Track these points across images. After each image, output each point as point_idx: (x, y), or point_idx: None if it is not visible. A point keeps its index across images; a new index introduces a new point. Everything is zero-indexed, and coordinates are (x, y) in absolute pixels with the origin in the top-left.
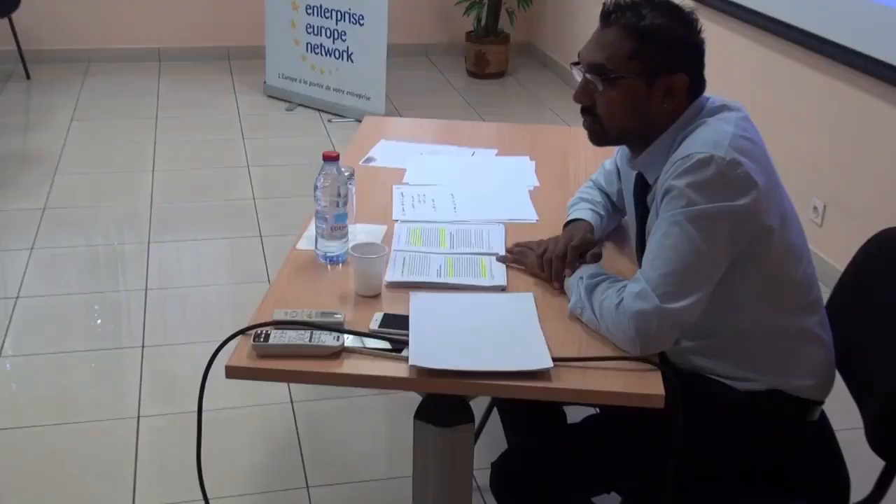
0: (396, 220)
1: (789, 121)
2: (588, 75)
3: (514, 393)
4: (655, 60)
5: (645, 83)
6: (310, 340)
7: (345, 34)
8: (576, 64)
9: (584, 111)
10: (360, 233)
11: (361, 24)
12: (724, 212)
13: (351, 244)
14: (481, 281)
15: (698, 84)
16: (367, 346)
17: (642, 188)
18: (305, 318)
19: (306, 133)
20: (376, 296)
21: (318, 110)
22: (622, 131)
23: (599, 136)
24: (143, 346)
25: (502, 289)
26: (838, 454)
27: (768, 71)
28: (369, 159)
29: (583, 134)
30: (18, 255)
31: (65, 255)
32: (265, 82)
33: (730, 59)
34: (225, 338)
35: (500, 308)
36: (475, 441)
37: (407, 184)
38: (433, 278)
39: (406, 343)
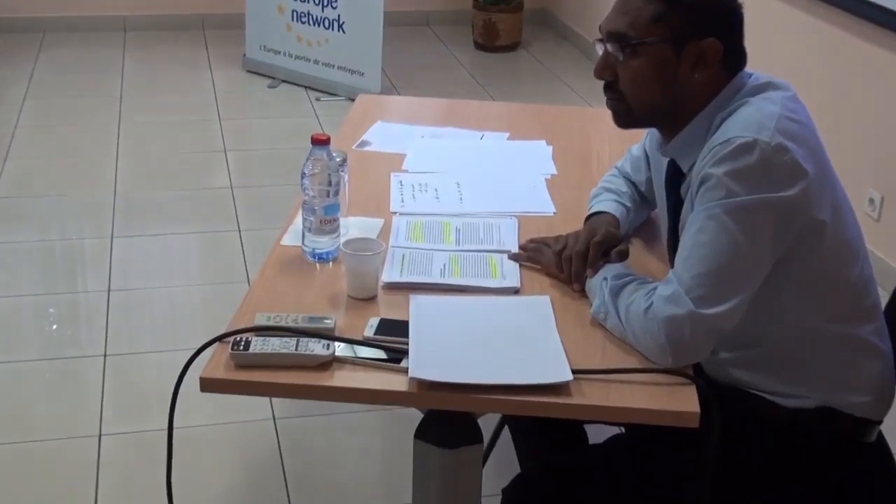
0: (394, 213)
1: (843, 102)
2: (609, 46)
3: (528, 410)
4: (683, 24)
5: (672, 51)
6: (296, 349)
7: (335, 1)
8: (599, 40)
9: (606, 88)
10: (354, 227)
11: None
12: (769, 204)
13: (343, 239)
14: (491, 282)
15: (736, 56)
16: (361, 355)
17: (675, 177)
18: (291, 324)
19: (291, 113)
20: (371, 298)
21: (305, 87)
22: (650, 110)
23: (625, 116)
24: (105, 355)
25: (515, 291)
26: None
27: (820, 45)
28: (364, 143)
29: (606, 115)
30: None
31: (16, 251)
32: (245, 55)
33: (775, 32)
34: (199, 346)
35: (513, 313)
36: (483, 464)
37: (406, 171)
38: (436, 279)
39: (405, 352)
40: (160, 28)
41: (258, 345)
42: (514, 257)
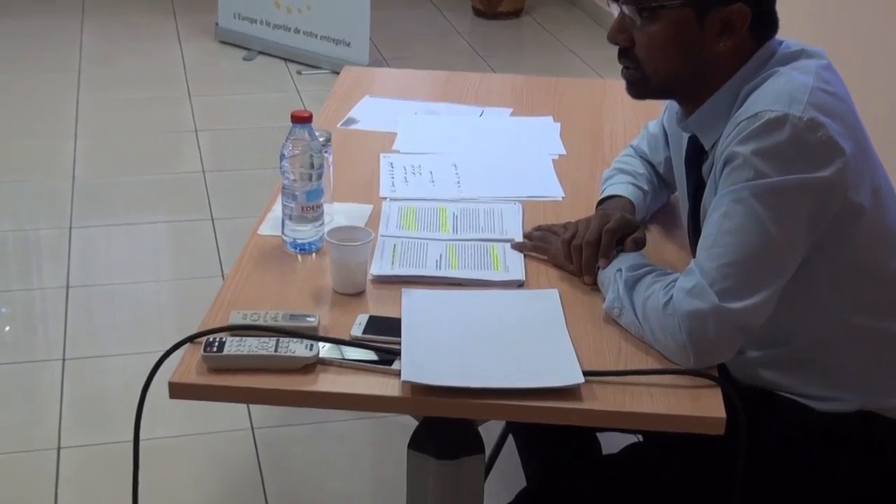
0: (385, 198)
1: (883, 72)
2: (624, 8)
3: (534, 416)
4: None
5: (694, 14)
6: (275, 350)
7: None
8: (614, 1)
9: (621, 55)
10: (339, 214)
11: None
12: (801, 186)
13: (327, 228)
14: (492, 275)
15: (766, 22)
16: (348, 357)
17: (696, 156)
18: (270, 322)
19: (270, 89)
20: (359, 294)
21: (285, 60)
22: (669, 79)
23: (640, 86)
24: (63, 359)
25: (519, 284)
26: None
27: (860, 8)
28: (350, 121)
29: (620, 88)
30: None
31: None
32: (217, 24)
33: None
34: (168, 347)
35: (517, 309)
36: (485, 477)
37: (398, 152)
38: (431, 271)
39: (397, 353)
40: None
41: (233, 346)
42: (517, 247)
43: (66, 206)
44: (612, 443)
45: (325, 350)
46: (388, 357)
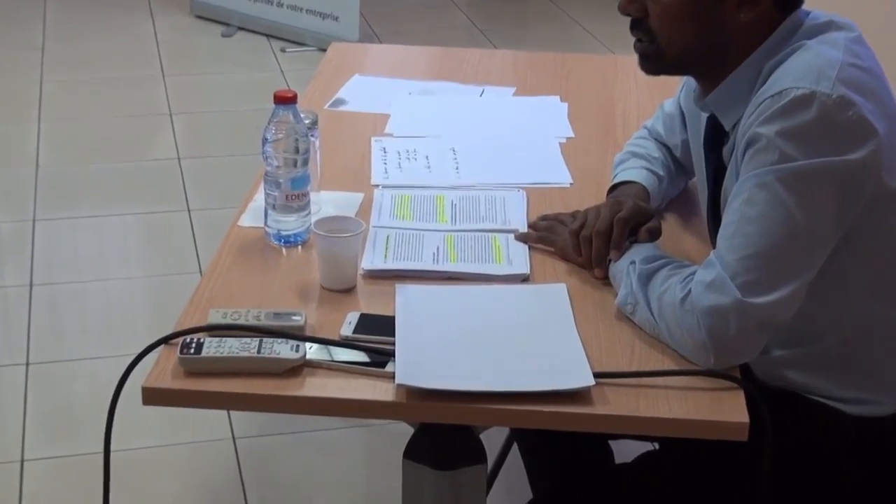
0: (376, 186)
1: None
2: None
3: (541, 422)
4: None
5: None
6: (258, 352)
7: None
8: None
9: (633, 27)
10: (327, 203)
11: None
12: (830, 169)
13: (314, 219)
14: (494, 268)
15: None
16: (338, 358)
17: (716, 137)
18: (252, 322)
19: (251, 67)
20: (349, 290)
21: (267, 36)
22: (685, 53)
23: (654, 60)
24: (27, 364)
25: (524, 279)
26: None
27: None
28: (338, 102)
29: (633, 62)
30: None
31: None
32: None
33: None
34: (141, 349)
35: (521, 305)
36: (488, 489)
37: (391, 135)
38: (428, 265)
39: (391, 354)
40: None
41: (212, 347)
42: (521, 238)
43: (29, 197)
44: (625, 451)
45: (312, 351)
46: (380, 359)
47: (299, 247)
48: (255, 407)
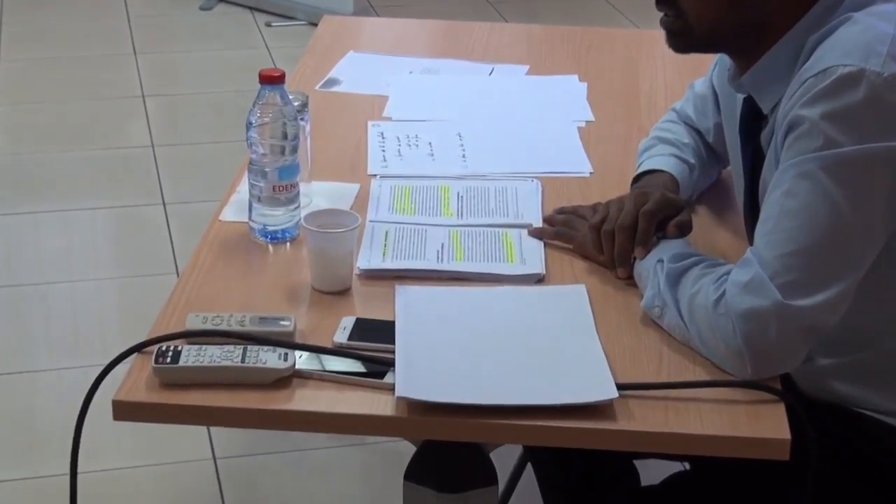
0: (374, 176)
1: None
2: None
3: (558, 440)
4: None
5: None
6: (242, 361)
7: None
8: None
9: (660, 0)
10: (318, 195)
11: None
12: (881, 156)
13: (304, 212)
14: (506, 268)
15: None
16: (330, 368)
17: (753, 121)
18: (235, 327)
19: (233, 44)
20: (344, 291)
21: (251, 9)
22: (717, 28)
23: (683, 37)
24: None
25: (538, 279)
26: None
27: None
28: (331, 82)
29: (660, 38)
30: None
31: None
32: None
33: None
34: (111, 358)
35: (536, 309)
36: None
37: (389, 119)
38: (431, 264)
39: (390, 364)
40: None
41: (191, 355)
42: (536, 233)
43: None
44: (652, 471)
45: (302, 360)
46: (378, 368)
47: (288, 244)
48: (239, 423)
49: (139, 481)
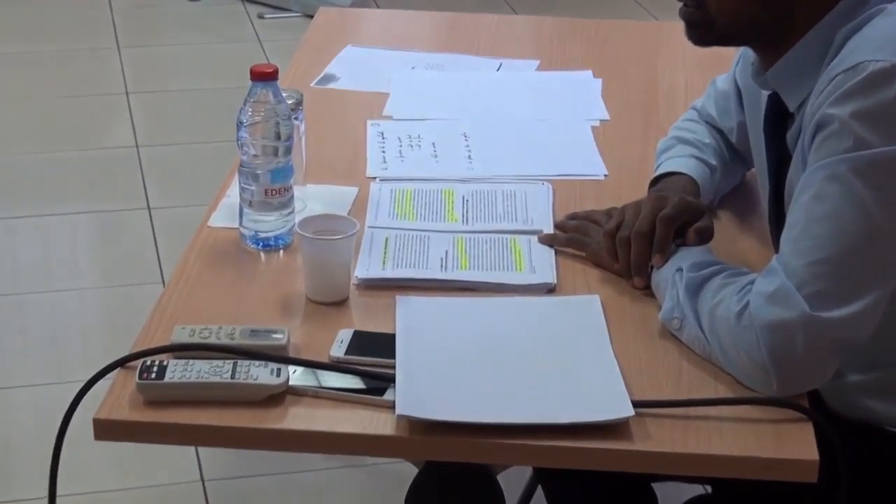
0: (373, 178)
1: None
2: None
3: (570, 461)
4: None
5: None
6: (232, 377)
7: None
8: None
9: None
10: (314, 199)
11: None
12: None
13: (298, 218)
14: (514, 277)
15: None
16: (327, 384)
17: (779, 120)
18: (225, 341)
19: (223, 37)
20: (341, 302)
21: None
22: (740, 19)
23: (704, 29)
24: None
25: (549, 289)
26: None
27: None
28: (328, 78)
29: (680, 30)
30: None
31: None
32: None
33: None
34: (92, 375)
35: (546, 321)
36: None
37: (390, 118)
38: (434, 273)
39: (391, 379)
40: None
41: (178, 371)
42: (547, 240)
43: None
44: (671, 495)
45: (296, 376)
46: (378, 385)
47: (281, 251)
48: (228, 442)
49: None
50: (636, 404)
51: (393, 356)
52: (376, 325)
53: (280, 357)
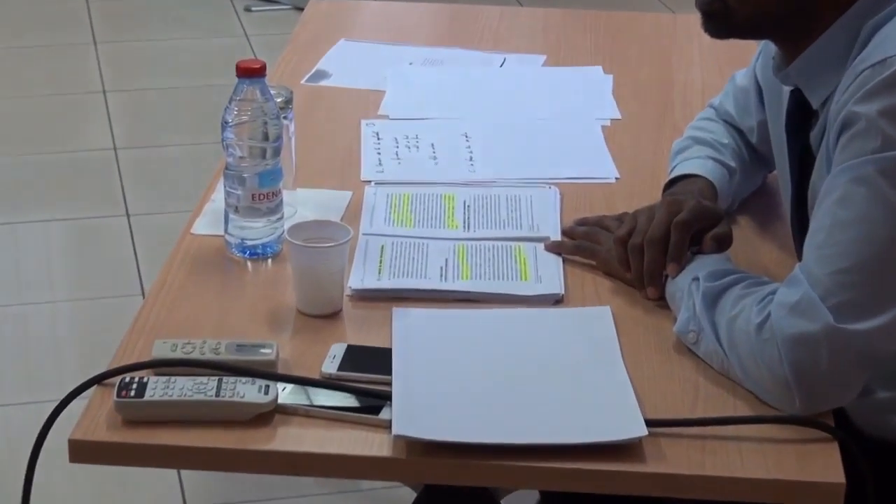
0: (368, 182)
1: None
2: None
3: (579, 484)
4: None
5: None
6: (217, 394)
7: None
8: None
9: None
10: (304, 204)
11: None
12: None
13: (288, 224)
14: (519, 287)
15: None
16: (318, 403)
17: (802, 118)
18: (209, 356)
19: (207, 31)
20: (333, 315)
21: None
22: (761, 10)
23: (722, 20)
24: None
25: (557, 300)
26: None
27: None
28: (319, 74)
29: (696, 22)
30: None
31: None
32: None
33: None
34: (67, 393)
35: (553, 334)
36: None
37: (387, 117)
38: (433, 283)
39: (387, 397)
40: None
41: (159, 389)
42: (554, 248)
43: None
44: None
45: (285, 394)
46: (373, 403)
47: (269, 260)
48: (213, 465)
49: None
50: (650, 423)
51: (389, 372)
52: (371, 339)
53: (268, 373)
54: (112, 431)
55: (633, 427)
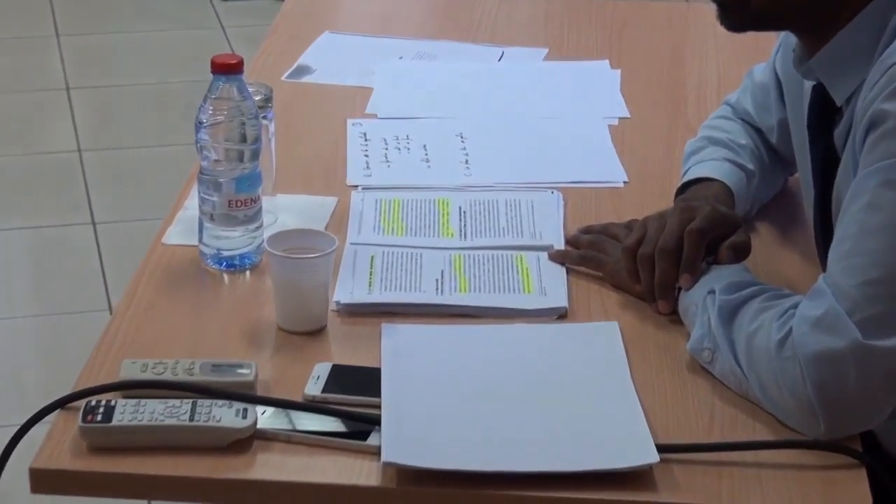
0: (355, 187)
1: None
2: None
3: None
4: None
5: None
6: (191, 419)
7: None
8: None
9: None
10: (286, 211)
11: None
12: None
13: (267, 233)
14: (520, 300)
15: None
16: (301, 427)
17: (825, 116)
18: (182, 377)
19: (179, 23)
20: (317, 332)
21: None
22: (780, 1)
23: (738, 11)
24: None
25: (561, 314)
26: None
27: None
28: (302, 70)
29: (711, 12)
30: None
31: None
32: None
33: None
34: (28, 417)
35: (557, 352)
36: None
37: (375, 116)
38: (428, 297)
39: (375, 422)
40: None
41: (127, 412)
42: (558, 257)
43: None
44: None
45: (265, 418)
46: (361, 427)
47: (247, 272)
48: (187, 496)
49: None
50: (661, 449)
51: (378, 394)
52: (358, 357)
53: (247, 395)
54: (77, 459)
55: (643, 453)
